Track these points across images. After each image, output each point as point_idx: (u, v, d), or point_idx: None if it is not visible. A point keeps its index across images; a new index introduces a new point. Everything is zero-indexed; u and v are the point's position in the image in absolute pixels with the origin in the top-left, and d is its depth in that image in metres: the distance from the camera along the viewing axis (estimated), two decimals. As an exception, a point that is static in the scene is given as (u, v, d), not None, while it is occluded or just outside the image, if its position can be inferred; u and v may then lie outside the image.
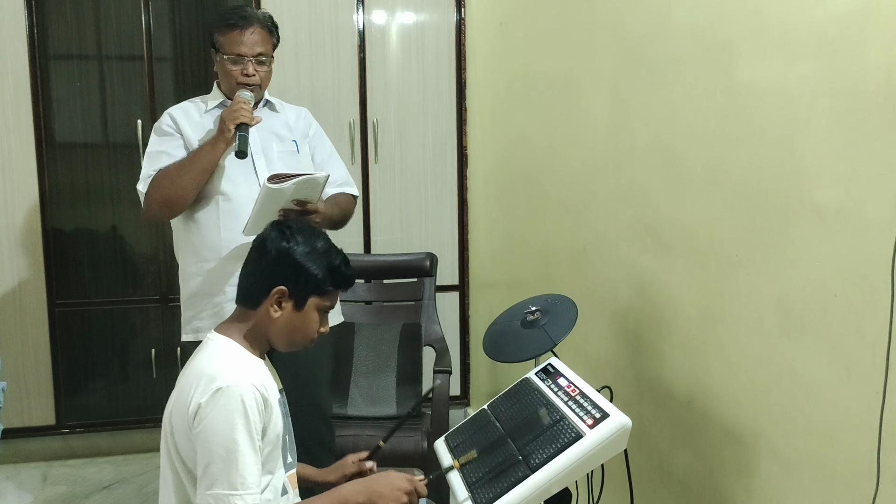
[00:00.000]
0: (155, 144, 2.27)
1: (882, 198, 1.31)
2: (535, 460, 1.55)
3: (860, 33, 1.34)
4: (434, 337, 3.17)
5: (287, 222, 1.66)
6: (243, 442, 1.46)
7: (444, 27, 3.63)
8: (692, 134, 1.87)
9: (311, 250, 1.59)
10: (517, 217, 3.18)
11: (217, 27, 2.27)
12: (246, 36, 2.22)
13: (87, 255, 3.43)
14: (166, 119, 2.30)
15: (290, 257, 1.58)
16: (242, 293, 1.63)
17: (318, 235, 1.64)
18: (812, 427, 1.51)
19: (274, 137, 2.32)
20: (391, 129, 3.63)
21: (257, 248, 1.63)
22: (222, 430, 1.45)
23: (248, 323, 1.61)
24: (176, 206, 2.19)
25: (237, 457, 1.45)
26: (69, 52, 3.34)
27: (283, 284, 1.57)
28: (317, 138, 2.45)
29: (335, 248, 1.65)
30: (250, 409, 1.47)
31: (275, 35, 2.31)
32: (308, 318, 1.61)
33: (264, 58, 2.25)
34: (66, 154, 3.38)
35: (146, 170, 2.24)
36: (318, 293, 1.61)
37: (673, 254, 1.97)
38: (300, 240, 1.60)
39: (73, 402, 3.46)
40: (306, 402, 2.28)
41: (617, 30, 2.23)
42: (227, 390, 1.46)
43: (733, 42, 1.70)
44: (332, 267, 1.61)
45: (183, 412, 1.50)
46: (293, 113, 2.43)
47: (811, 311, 1.49)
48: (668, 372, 2.01)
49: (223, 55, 2.26)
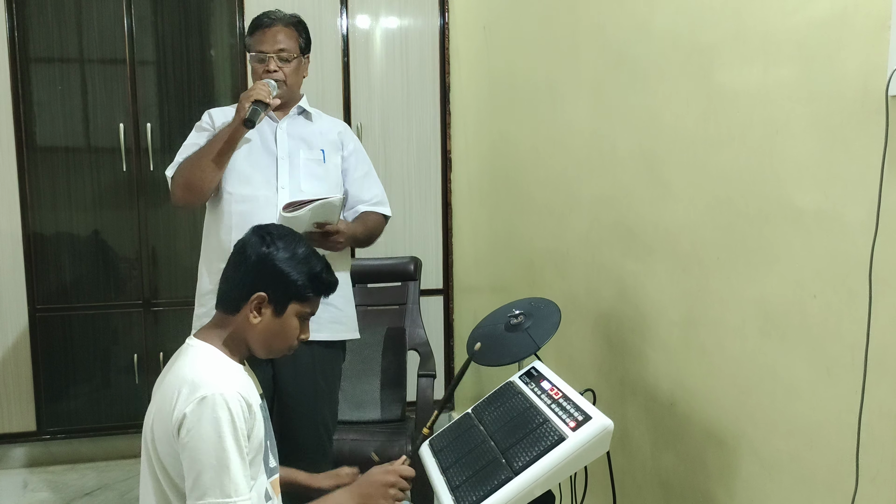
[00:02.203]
0: (190, 138, 2.31)
1: (859, 201, 1.33)
2: (519, 463, 1.56)
3: (838, 39, 1.36)
4: (418, 341, 3.17)
5: (268, 227, 1.65)
6: (232, 449, 1.45)
7: (428, 31, 3.64)
8: (673, 138, 1.88)
9: (291, 256, 1.59)
10: (501, 221, 3.19)
11: (248, 30, 2.31)
12: (268, 34, 2.25)
13: (69, 259, 3.40)
14: (205, 117, 2.34)
15: (271, 263, 1.57)
16: (222, 298, 1.62)
17: (298, 241, 1.63)
18: (792, 428, 1.52)
19: (303, 144, 2.31)
20: (375, 132, 3.63)
21: (237, 254, 1.62)
22: (211, 439, 1.44)
23: (228, 329, 1.59)
24: (196, 189, 2.19)
25: (228, 464, 1.44)
26: (50, 56, 3.32)
27: (262, 290, 1.56)
28: (354, 155, 2.41)
29: (316, 255, 1.65)
30: (237, 416, 1.46)
31: (302, 34, 2.32)
32: (288, 324, 1.61)
33: (286, 54, 2.26)
34: (48, 158, 3.35)
35: (177, 158, 2.27)
36: (299, 299, 1.60)
37: (655, 257, 1.98)
38: (280, 245, 1.59)
39: (54, 408, 3.43)
40: (310, 411, 2.28)
41: (599, 34, 2.25)
42: (213, 398, 1.45)
43: (714, 47, 1.71)
44: (313, 273, 1.60)
45: (166, 420, 1.48)
46: (328, 124, 2.42)
47: (791, 313, 1.51)
48: (651, 374, 2.02)
49: (250, 54, 2.29)
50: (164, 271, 3.50)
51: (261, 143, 2.26)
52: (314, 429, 2.30)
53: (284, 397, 2.27)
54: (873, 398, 1.31)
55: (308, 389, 2.27)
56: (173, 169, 2.26)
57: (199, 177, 2.18)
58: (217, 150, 2.16)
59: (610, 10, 2.19)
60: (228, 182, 2.23)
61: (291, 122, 2.32)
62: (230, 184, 2.23)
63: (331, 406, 2.36)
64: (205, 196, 2.23)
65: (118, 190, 3.41)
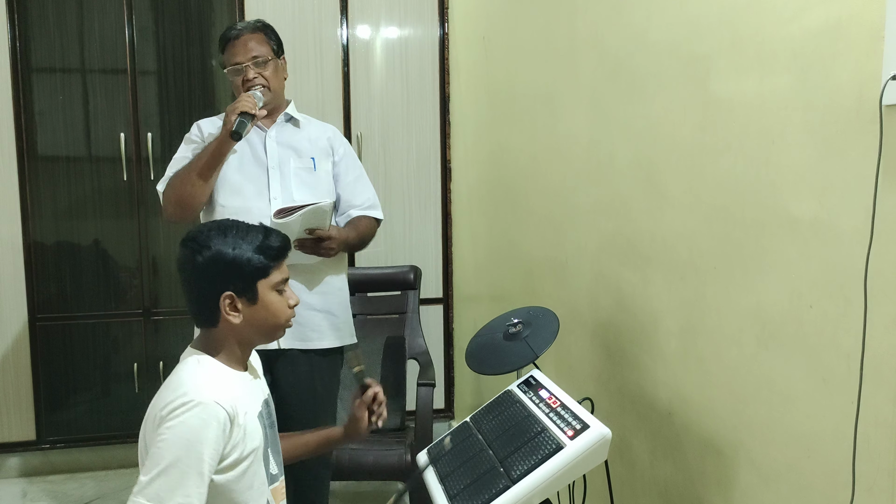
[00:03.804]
0: (180, 152, 2.30)
1: (855, 210, 1.33)
2: (517, 472, 1.56)
3: (833, 49, 1.37)
4: (418, 350, 3.17)
5: (189, 235, 1.58)
6: (194, 464, 1.41)
7: (428, 42, 3.65)
8: (671, 147, 1.89)
9: (227, 244, 1.54)
10: (500, 230, 3.19)
11: (220, 49, 2.30)
12: (238, 45, 2.25)
13: (69, 268, 3.41)
14: (194, 129, 2.33)
15: (215, 261, 1.53)
16: (197, 318, 1.59)
17: (226, 227, 1.58)
18: (789, 437, 1.52)
19: (292, 152, 2.30)
20: (375, 142, 3.64)
21: (182, 272, 1.57)
22: (177, 446, 1.41)
23: (216, 340, 1.57)
24: (187, 204, 2.19)
25: (179, 476, 1.40)
26: (52, 65, 3.34)
27: (224, 289, 1.53)
28: (344, 160, 2.40)
29: (250, 227, 1.60)
30: (210, 427, 1.43)
31: (271, 37, 2.31)
32: (269, 303, 1.57)
33: (260, 59, 2.25)
34: (49, 167, 3.36)
35: (167, 173, 2.27)
36: (262, 275, 1.56)
37: (653, 266, 1.99)
38: (213, 242, 1.54)
39: (54, 418, 3.43)
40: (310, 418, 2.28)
41: (597, 45, 2.26)
42: (192, 407, 1.42)
43: (710, 57, 1.72)
44: (259, 246, 1.56)
45: (152, 427, 1.47)
46: (317, 130, 2.40)
47: (787, 322, 1.51)
48: (649, 383, 2.03)
49: (227, 70, 2.28)
50: (165, 280, 3.50)
51: (251, 154, 2.25)
52: None
53: (284, 405, 2.27)
54: (869, 407, 1.32)
55: (307, 397, 2.27)
56: (164, 184, 2.25)
57: (189, 192, 2.17)
58: (204, 163, 2.15)
59: (607, 21, 2.20)
60: (220, 194, 2.22)
61: (280, 130, 2.32)
62: (222, 196, 2.22)
63: (331, 413, 2.36)
64: (196, 210, 2.22)
65: (119, 199, 3.42)
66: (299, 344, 2.23)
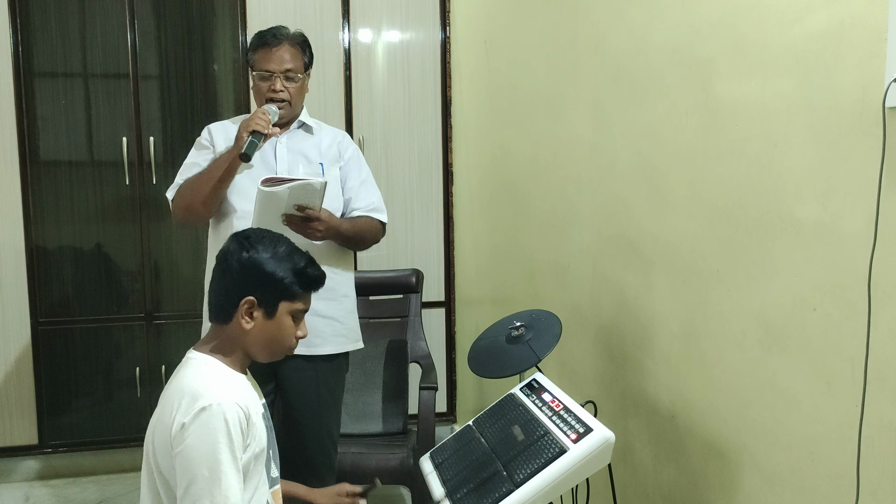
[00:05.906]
0: (190, 157, 2.31)
1: (858, 212, 1.33)
2: (520, 475, 1.55)
3: (836, 51, 1.37)
4: (420, 353, 3.17)
5: (245, 233, 1.64)
6: (226, 461, 1.45)
7: (430, 45, 3.66)
8: (673, 150, 1.89)
9: (272, 255, 1.58)
10: (502, 233, 3.19)
11: (252, 46, 2.30)
12: (275, 53, 2.24)
13: (71, 272, 3.41)
14: (205, 133, 2.33)
15: (254, 266, 1.57)
16: (213, 309, 1.61)
17: (278, 241, 1.62)
18: (793, 441, 1.52)
19: (302, 159, 2.30)
20: (377, 145, 3.64)
21: (220, 263, 1.61)
22: (205, 450, 1.44)
23: (224, 339, 1.59)
24: (196, 213, 2.21)
25: (220, 476, 1.44)
26: (54, 70, 3.34)
27: (250, 294, 1.56)
28: (351, 163, 2.39)
29: (298, 251, 1.64)
30: (233, 427, 1.47)
31: (307, 53, 2.31)
32: (282, 324, 1.60)
33: (293, 74, 2.25)
34: (51, 171, 3.37)
35: (177, 179, 2.28)
36: (287, 297, 1.59)
37: (655, 269, 1.98)
38: (260, 248, 1.58)
39: (56, 422, 3.43)
40: (316, 424, 2.28)
41: (598, 48, 2.26)
42: (210, 409, 1.46)
43: (713, 60, 1.72)
44: (297, 269, 1.59)
45: (165, 432, 1.49)
46: (329, 136, 2.39)
47: (791, 325, 1.51)
48: (652, 387, 2.02)
49: (254, 72, 2.28)
50: (167, 285, 3.51)
51: (261, 160, 2.25)
52: (320, 441, 2.30)
53: (289, 410, 2.27)
54: (873, 411, 1.31)
55: (312, 402, 2.27)
56: (173, 191, 2.26)
57: (199, 201, 2.18)
58: (216, 177, 2.15)
59: (609, 24, 2.20)
60: (231, 197, 2.23)
61: (291, 136, 2.32)
62: (232, 200, 2.23)
63: (335, 417, 2.36)
64: (206, 218, 2.24)
65: (121, 204, 3.43)
66: (304, 350, 2.22)
